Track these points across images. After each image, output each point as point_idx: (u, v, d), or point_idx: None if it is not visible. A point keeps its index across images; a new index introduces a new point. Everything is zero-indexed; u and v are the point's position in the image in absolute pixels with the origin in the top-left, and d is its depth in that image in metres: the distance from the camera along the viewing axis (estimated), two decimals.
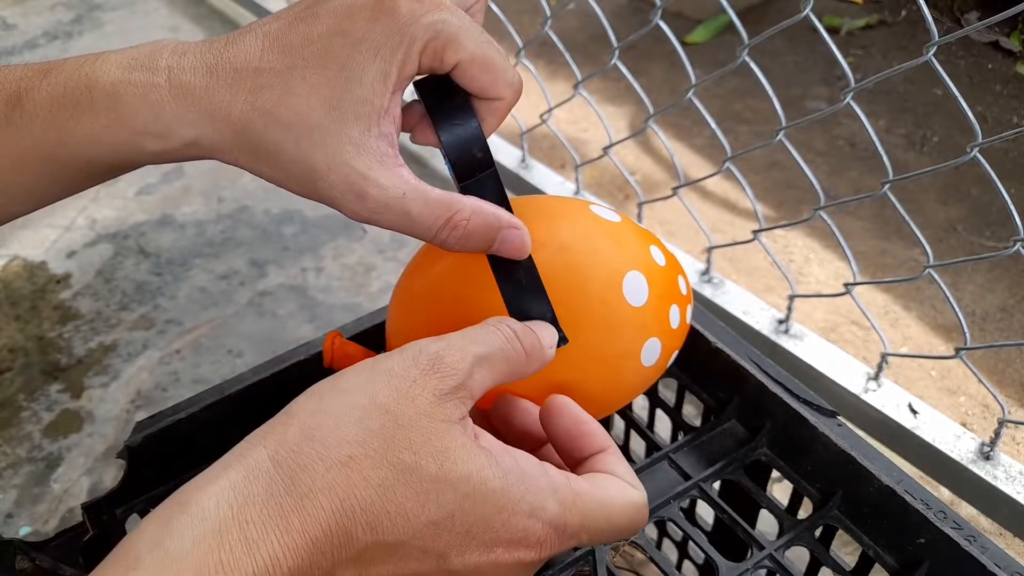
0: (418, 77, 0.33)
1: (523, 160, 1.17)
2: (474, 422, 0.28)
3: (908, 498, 0.36)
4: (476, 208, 0.31)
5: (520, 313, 0.32)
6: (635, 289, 0.35)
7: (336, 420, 0.25)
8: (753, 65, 0.74)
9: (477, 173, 0.33)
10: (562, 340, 0.32)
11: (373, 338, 0.45)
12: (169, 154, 0.30)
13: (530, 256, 0.33)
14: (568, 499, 0.27)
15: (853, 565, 0.39)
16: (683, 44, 1.62)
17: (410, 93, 0.32)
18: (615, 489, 0.29)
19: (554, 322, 0.32)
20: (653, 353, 0.37)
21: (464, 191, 0.33)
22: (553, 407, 0.32)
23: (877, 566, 0.38)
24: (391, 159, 0.30)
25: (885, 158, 0.68)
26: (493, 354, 0.28)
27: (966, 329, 0.69)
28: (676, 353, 0.40)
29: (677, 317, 0.38)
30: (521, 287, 0.32)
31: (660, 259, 0.38)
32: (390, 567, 0.26)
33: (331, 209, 0.32)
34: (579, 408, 0.32)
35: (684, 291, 0.39)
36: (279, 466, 0.24)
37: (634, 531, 0.30)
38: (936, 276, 0.69)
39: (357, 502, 0.24)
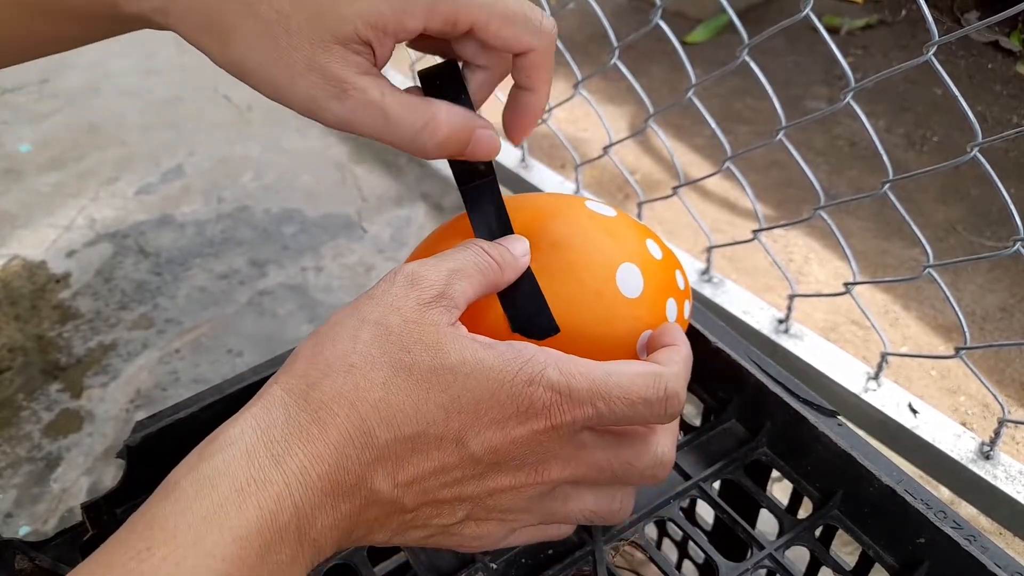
0: (421, 69, 0.33)
1: (523, 160, 1.17)
2: None
3: (908, 498, 0.36)
4: (451, 111, 0.31)
5: (511, 302, 0.33)
6: (629, 281, 0.35)
7: (332, 343, 0.27)
8: (753, 65, 0.74)
9: (477, 179, 0.33)
10: (553, 329, 0.32)
11: None
12: (141, 20, 0.30)
13: (507, 214, 0.34)
14: (570, 368, 0.28)
15: (853, 565, 0.39)
16: (683, 44, 1.62)
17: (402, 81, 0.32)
18: (630, 364, 0.29)
19: (546, 311, 0.32)
20: None
21: (464, 195, 0.33)
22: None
23: (877, 566, 0.38)
24: (371, 68, 0.30)
25: (885, 158, 0.68)
26: (465, 267, 0.30)
27: (966, 329, 0.69)
28: None
29: (674, 311, 0.37)
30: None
31: (657, 253, 0.38)
32: (416, 462, 0.27)
33: (331, 209, 0.32)
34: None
35: (682, 286, 0.39)
36: (291, 392, 0.26)
37: (658, 404, 0.29)
38: (936, 276, 0.69)
39: (367, 402, 0.26)
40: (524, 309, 0.32)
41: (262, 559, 0.24)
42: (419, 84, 0.33)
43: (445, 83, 0.32)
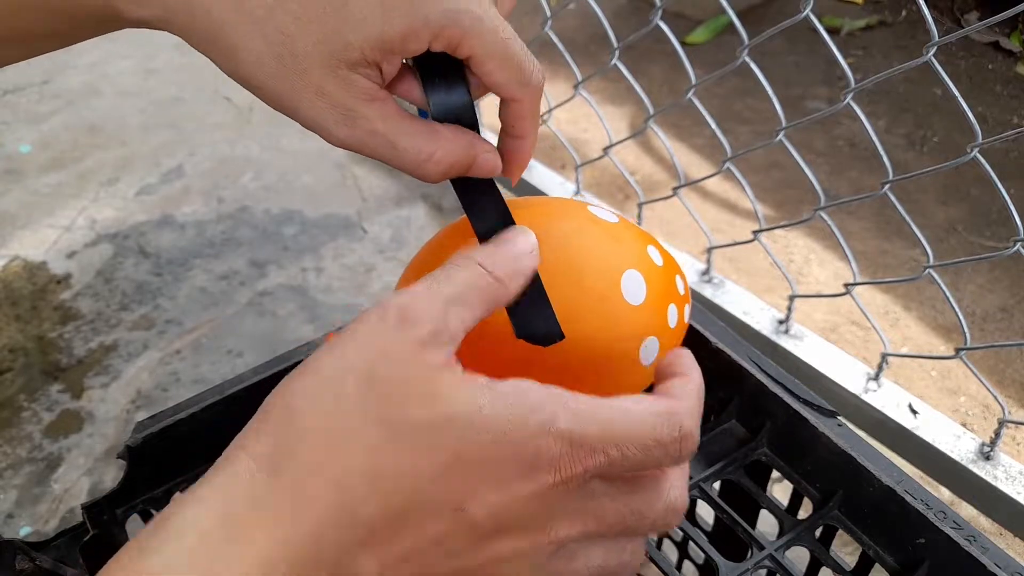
0: None
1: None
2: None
3: (908, 498, 0.36)
4: (453, 142, 0.31)
5: (516, 306, 0.31)
6: (633, 287, 0.35)
7: (312, 400, 0.24)
8: (753, 65, 0.74)
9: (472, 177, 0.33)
10: (558, 335, 0.32)
11: None
12: (147, 23, 0.30)
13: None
14: (582, 409, 0.25)
15: (853, 565, 0.39)
16: (683, 44, 1.62)
17: None
18: (641, 401, 0.26)
19: (551, 317, 0.32)
20: (651, 352, 0.37)
21: (460, 194, 0.33)
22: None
23: (877, 566, 0.38)
24: (378, 93, 0.29)
25: (885, 158, 0.68)
26: (464, 292, 0.26)
27: (966, 329, 0.69)
28: None
29: (675, 317, 0.38)
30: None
31: (658, 259, 0.38)
32: (408, 537, 0.23)
33: (331, 209, 0.32)
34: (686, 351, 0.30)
35: (682, 291, 0.39)
36: (259, 461, 0.23)
37: (672, 445, 0.26)
38: (936, 276, 0.69)
39: (351, 474, 0.23)
40: (529, 315, 0.32)
41: None
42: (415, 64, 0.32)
43: (443, 71, 0.31)
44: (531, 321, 0.32)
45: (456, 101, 0.31)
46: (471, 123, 0.32)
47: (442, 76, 0.31)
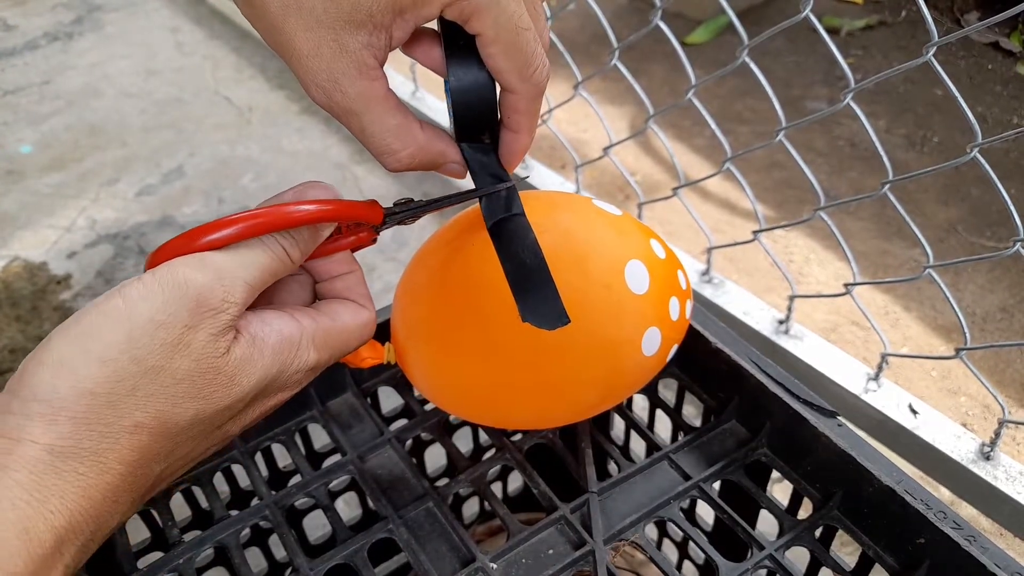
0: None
1: (523, 160, 1.17)
2: None
3: (908, 498, 0.36)
4: (425, 148, 0.31)
5: (522, 290, 0.32)
6: (637, 277, 0.36)
7: (107, 397, 0.26)
8: (753, 65, 0.74)
9: (478, 135, 0.33)
10: (565, 319, 0.32)
11: (374, 337, 0.45)
12: None
13: (534, 236, 0.32)
14: (320, 340, 0.31)
15: (853, 565, 0.39)
16: (683, 45, 1.62)
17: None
18: (348, 315, 0.34)
19: (557, 300, 0.32)
20: (653, 343, 0.37)
21: (493, 234, 0.32)
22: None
23: (877, 566, 0.38)
24: (369, 70, 0.29)
25: (885, 158, 0.68)
26: (264, 276, 0.31)
27: (966, 329, 0.69)
28: (675, 347, 0.40)
29: (677, 310, 0.38)
30: (524, 266, 0.32)
31: (660, 252, 0.38)
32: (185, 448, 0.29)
33: None
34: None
35: (684, 286, 0.39)
36: (59, 454, 0.25)
37: (364, 342, 0.35)
38: (936, 276, 0.69)
39: (160, 454, 0.28)
40: (536, 299, 0.32)
41: None
42: (439, 29, 0.31)
43: (469, 44, 0.30)
44: (537, 305, 0.32)
45: (475, 77, 0.30)
46: (488, 101, 0.31)
47: (465, 49, 0.30)
